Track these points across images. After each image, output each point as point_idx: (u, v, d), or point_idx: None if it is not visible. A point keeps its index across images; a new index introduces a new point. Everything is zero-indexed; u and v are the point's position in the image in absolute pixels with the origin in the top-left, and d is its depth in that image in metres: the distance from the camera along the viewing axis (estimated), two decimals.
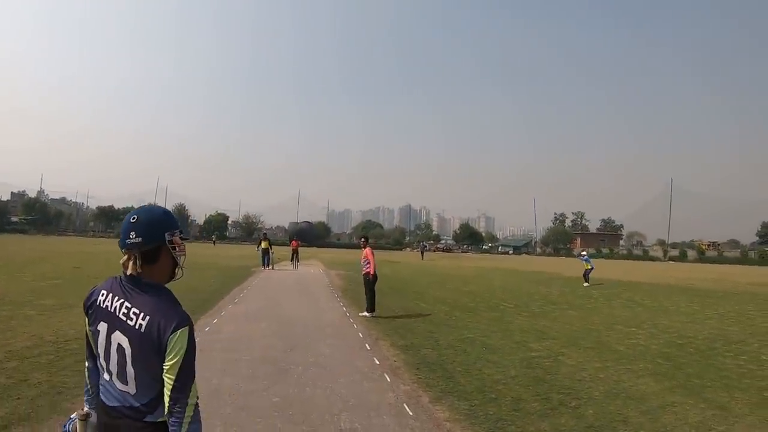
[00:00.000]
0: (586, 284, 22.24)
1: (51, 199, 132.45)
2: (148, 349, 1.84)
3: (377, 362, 7.27)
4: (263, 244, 27.02)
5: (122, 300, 1.92)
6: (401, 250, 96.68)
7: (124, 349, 1.88)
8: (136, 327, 1.85)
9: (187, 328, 1.86)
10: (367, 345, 8.42)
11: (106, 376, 1.96)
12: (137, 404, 1.90)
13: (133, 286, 1.94)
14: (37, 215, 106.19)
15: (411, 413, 5.21)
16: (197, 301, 12.68)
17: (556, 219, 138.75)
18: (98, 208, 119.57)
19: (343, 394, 5.73)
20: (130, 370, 1.88)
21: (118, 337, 1.89)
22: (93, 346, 2.02)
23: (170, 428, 1.81)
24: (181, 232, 2.07)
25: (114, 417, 1.94)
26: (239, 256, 38.97)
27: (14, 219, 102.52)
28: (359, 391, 5.87)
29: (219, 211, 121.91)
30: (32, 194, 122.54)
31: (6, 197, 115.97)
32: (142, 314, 1.86)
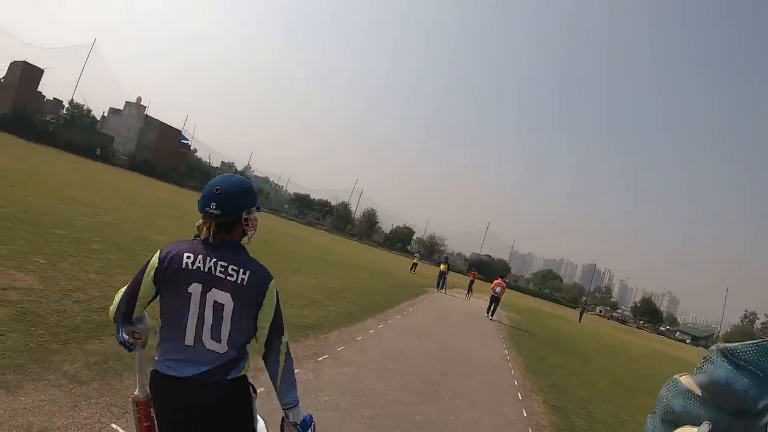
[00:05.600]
0: None
1: (255, 176, 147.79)
2: (250, 302, 2.18)
3: (525, 414, 7.44)
4: (442, 267, 28.47)
5: (215, 259, 2.18)
6: (575, 308, 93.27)
7: (223, 305, 2.15)
8: (239, 282, 2.16)
9: (273, 280, 2.27)
10: (519, 394, 8.61)
11: (189, 341, 2.18)
12: (225, 360, 2.20)
13: (221, 247, 2.22)
14: None
15: None
16: (370, 303, 13.95)
17: (745, 317, 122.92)
18: (295, 194, 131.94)
19: None
20: (225, 326, 2.17)
21: (216, 295, 2.15)
22: (168, 310, 2.23)
23: (278, 363, 2.25)
24: (258, 209, 2.37)
25: (187, 387, 2.19)
26: (418, 271, 40.10)
27: None
28: None
29: (406, 225, 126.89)
30: (240, 168, 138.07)
31: (216, 165, 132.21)
32: (241, 270, 2.17)
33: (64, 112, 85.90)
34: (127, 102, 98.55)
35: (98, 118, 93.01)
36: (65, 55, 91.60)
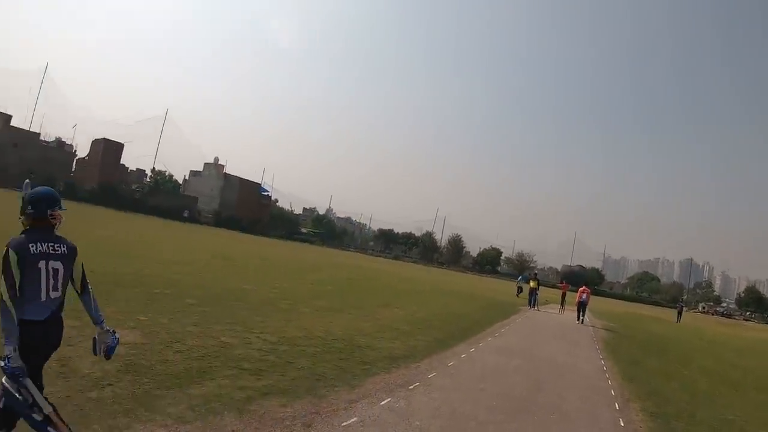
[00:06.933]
0: None
1: (337, 217, 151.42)
2: (72, 261, 3.57)
3: (622, 424, 7.25)
4: (532, 284, 27.83)
5: (46, 243, 3.43)
6: (675, 308, 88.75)
7: (58, 270, 3.45)
8: (65, 252, 3.51)
9: (77, 246, 3.66)
10: (616, 404, 8.38)
11: (43, 296, 3.38)
12: (62, 301, 3.54)
13: (42, 234, 3.46)
14: (323, 230, 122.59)
15: None
16: (459, 328, 14.02)
17: None
18: (379, 230, 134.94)
19: None
20: (61, 281, 3.48)
21: (53, 264, 3.43)
22: (29, 281, 3.32)
23: (90, 297, 3.66)
24: (60, 208, 3.55)
25: (48, 323, 3.41)
26: (508, 292, 39.55)
27: (303, 230, 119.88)
28: None
29: (493, 246, 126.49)
30: (321, 211, 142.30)
31: (299, 211, 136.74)
32: (60, 245, 3.51)
33: (148, 179, 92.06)
34: (205, 163, 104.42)
35: (180, 182, 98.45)
36: (141, 126, 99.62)
